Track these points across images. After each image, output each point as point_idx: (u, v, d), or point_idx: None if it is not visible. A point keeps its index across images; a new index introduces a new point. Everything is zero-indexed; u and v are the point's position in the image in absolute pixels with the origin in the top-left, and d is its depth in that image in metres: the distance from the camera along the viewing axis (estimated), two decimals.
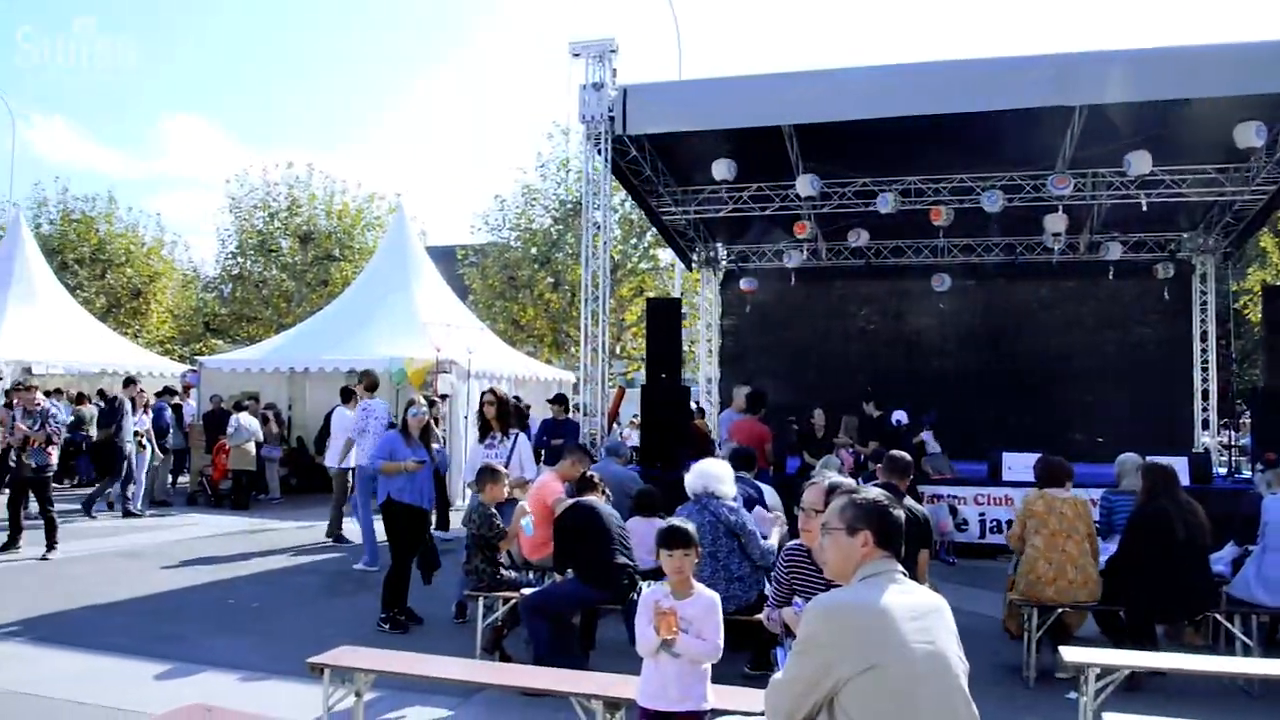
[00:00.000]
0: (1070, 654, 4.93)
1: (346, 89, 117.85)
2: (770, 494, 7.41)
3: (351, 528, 11.79)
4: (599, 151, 11.55)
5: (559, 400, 11.55)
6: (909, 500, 5.97)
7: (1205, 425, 15.41)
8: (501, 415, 8.31)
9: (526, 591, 6.10)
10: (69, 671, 6.20)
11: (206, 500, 14.68)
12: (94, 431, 16.14)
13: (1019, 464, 10.36)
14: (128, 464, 13.12)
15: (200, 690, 5.73)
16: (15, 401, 10.56)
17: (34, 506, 10.44)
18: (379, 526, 8.57)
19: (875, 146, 12.24)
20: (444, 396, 13.36)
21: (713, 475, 6.05)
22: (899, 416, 12.39)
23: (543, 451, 10.00)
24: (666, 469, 10.16)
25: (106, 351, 20.09)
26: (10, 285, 19.67)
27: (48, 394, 14.83)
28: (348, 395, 12.06)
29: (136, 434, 13.16)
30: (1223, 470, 13.21)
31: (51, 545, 10.05)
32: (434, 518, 9.09)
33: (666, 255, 24.82)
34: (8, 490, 10.97)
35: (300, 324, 19.46)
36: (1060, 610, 6.27)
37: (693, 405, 13.63)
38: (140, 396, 13.74)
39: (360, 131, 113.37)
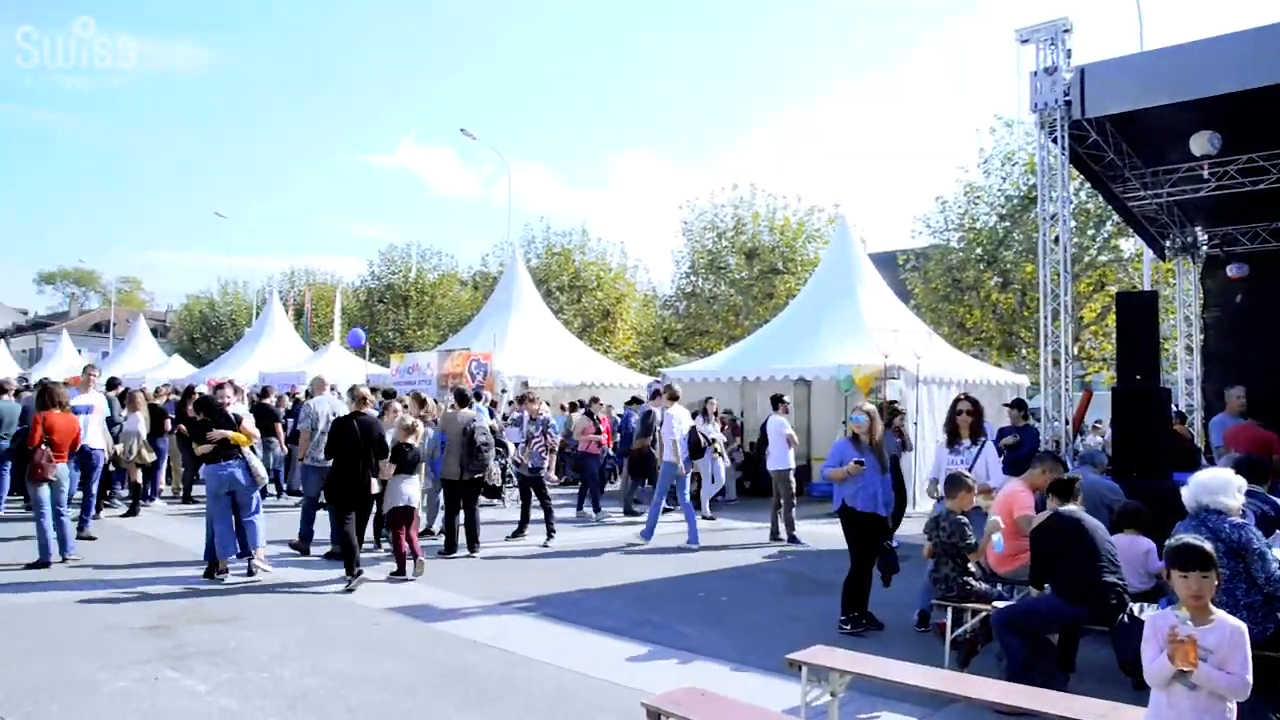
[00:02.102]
0: None
1: (776, 100, 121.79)
2: None
3: (811, 529, 12.15)
4: (1054, 140, 10.80)
5: (1017, 405, 10.96)
6: None
7: None
8: (976, 423, 8.11)
9: (999, 605, 5.85)
10: (571, 646, 7.04)
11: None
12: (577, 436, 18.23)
13: None
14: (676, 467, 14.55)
15: (680, 674, 6.23)
16: (520, 410, 12.29)
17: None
18: (836, 530, 8.72)
19: None
20: (892, 403, 13.24)
21: (1214, 487, 5.35)
22: None
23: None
24: (1143, 479, 9.19)
25: (584, 366, 22.72)
26: (511, 311, 23.19)
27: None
28: (776, 402, 12.53)
29: (712, 441, 14.06)
30: None
31: (550, 534, 11.52)
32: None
33: (1129, 245, 22.58)
34: (517, 487, 12.75)
35: (750, 336, 20.45)
36: None
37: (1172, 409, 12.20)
38: (711, 404, 14.48)
39: (794, 142, 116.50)
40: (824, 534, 12.19)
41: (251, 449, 9.39)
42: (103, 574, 9.17)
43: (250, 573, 9.17)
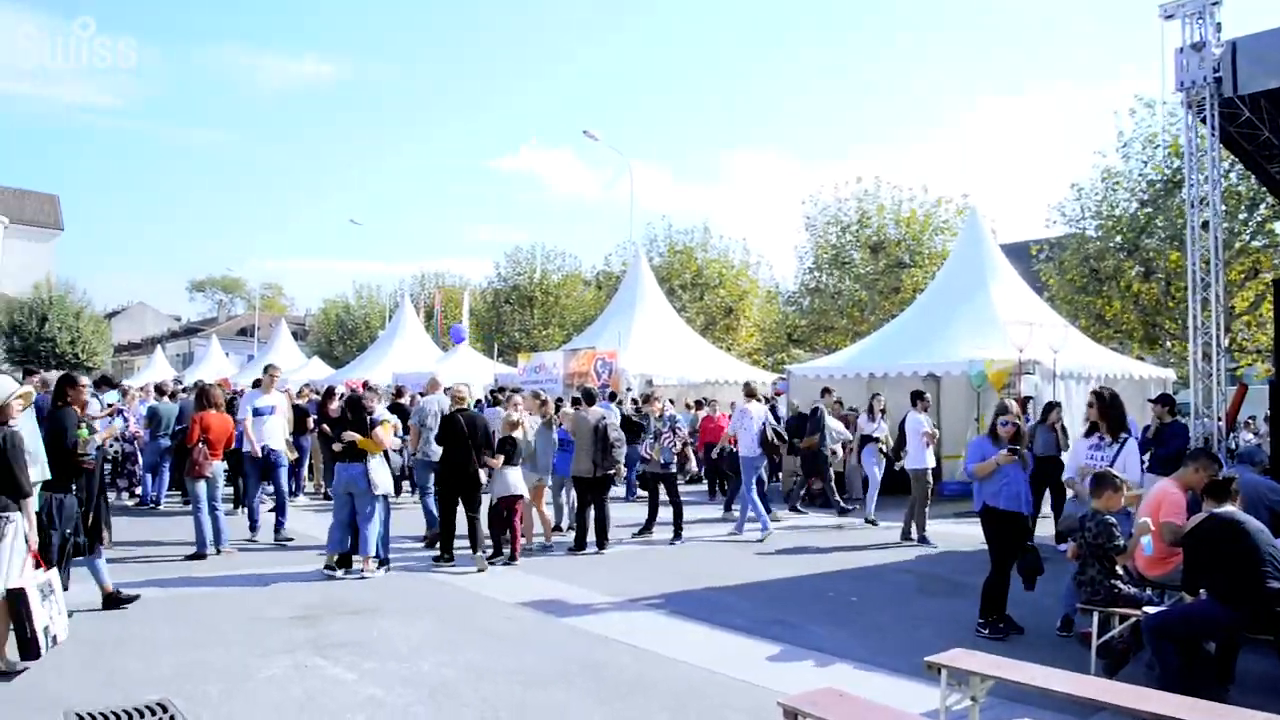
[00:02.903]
0: None
1: (901, 93, 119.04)
2: None
3: (942, 529, 11.85)
4: (1202, 120, 10.20)
5: (1163, 400, 10.40)
6: None
7: None
8: (1112, 417, 7.78)
9: (1149, 610, 5.56)
10: (700, 644, 7.03)
11: (801, 499, 15.69)
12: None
13: None
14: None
15: (810, 674, 6.17)
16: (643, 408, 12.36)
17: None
18: (967, 530, 8.49)
19: None
20: (1027, 399, 12.78)
21: None
22: None
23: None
24: None
25: (707, 364, 22.71)
26: (635, 310, 23.39)
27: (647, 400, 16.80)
28: (916, 398, 12.26)
29: (877, 440, 13.74)
30: None
31: (678, 532, 11.56)
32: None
33: None
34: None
35: (877, 331, 20.04)
36: None
37: None
38: (879, 401, 14.16)
39: (921, 131, 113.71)
40: (955, 534, 11.87)
41: (384, 456, 9.69)
42: (252, 566, 9.65)
43: (383, 565, 9.46)
